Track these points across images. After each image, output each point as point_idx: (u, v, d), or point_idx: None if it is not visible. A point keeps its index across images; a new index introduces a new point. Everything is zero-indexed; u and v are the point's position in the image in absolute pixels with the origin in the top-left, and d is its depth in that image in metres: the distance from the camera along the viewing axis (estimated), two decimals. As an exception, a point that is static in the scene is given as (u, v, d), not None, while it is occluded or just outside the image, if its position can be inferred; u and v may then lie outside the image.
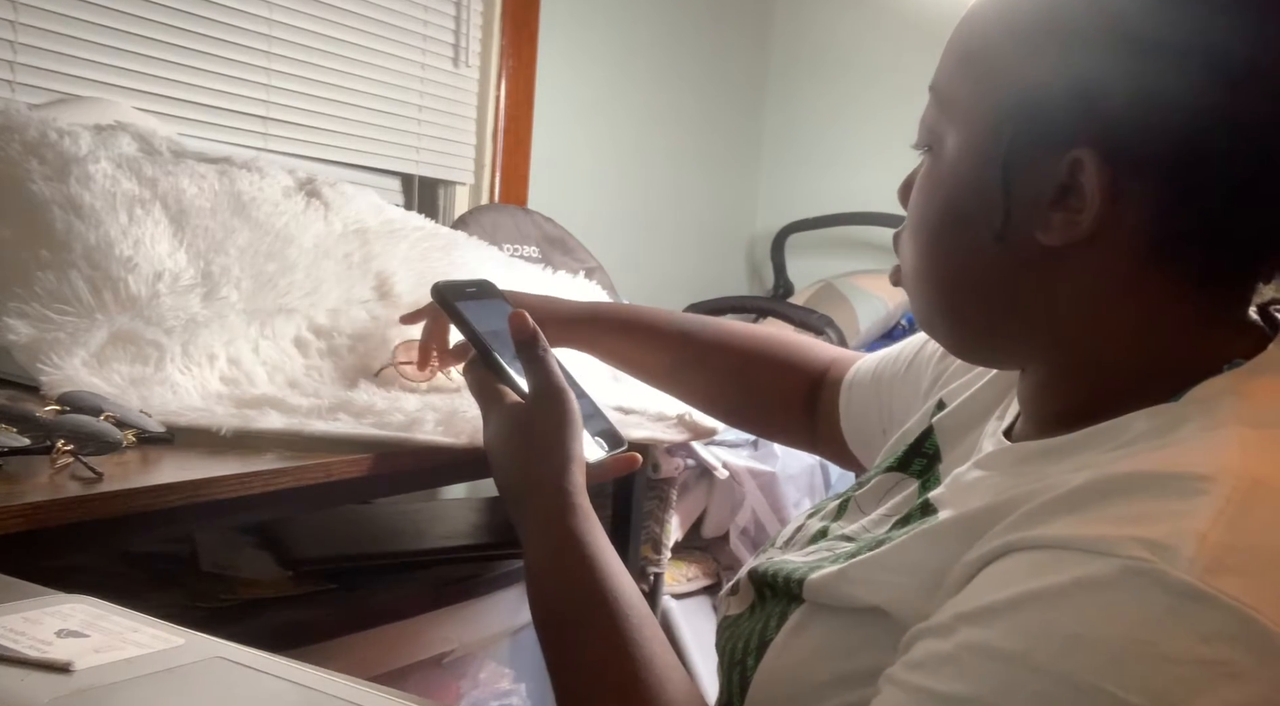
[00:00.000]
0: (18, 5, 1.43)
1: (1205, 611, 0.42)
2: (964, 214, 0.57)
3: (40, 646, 0.43)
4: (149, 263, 1.03)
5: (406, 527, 1.40)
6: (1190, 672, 0.41)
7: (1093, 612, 0.43)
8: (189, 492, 0.77)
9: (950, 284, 0.60)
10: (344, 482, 0.89)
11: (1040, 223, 0.54)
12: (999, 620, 0.45)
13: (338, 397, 1.00)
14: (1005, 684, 0.44)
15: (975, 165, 0.56)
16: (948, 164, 0.58)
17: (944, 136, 0.59)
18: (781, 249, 3.05)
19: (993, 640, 0.45)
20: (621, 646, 0.64)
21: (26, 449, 0.72)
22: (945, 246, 0.59)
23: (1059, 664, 0.42)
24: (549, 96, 2.32)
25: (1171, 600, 0.42)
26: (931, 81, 0.61)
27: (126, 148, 1.21)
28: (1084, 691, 0.42)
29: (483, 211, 2.04)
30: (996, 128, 0.55)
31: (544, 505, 0.72)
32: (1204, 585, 0.42)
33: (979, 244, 0.57)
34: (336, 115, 1.89)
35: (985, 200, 0.56)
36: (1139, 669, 0.41)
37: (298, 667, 0.44)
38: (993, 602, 0.46)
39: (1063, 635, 0.43)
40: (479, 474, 1.50)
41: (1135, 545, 0.43)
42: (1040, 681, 0.43)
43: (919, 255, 0.61)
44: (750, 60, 3.13)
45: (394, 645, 1.18)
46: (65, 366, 0.90)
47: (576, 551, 0.69)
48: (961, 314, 0.60)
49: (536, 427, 0.76)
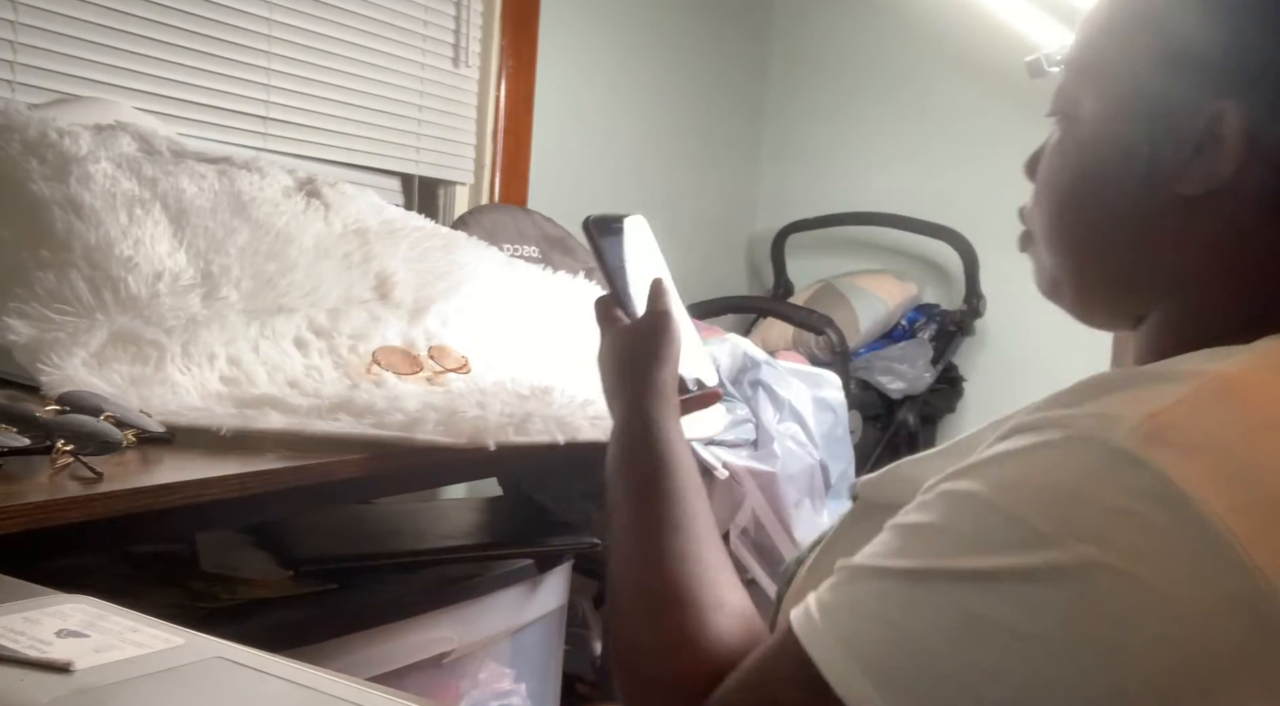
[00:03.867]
0: (18, 5, 1.43)
1: (1134, 472, 0.47)
2: (1104, 170, 0.62)
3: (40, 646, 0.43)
4: (149, 262, 1.03)
5: (406, 527, 1.40)
6: (1106, 517, 0.47)
7: (1038, 466, 0.50)
8: (189, 492, 0.77)
9: (1085, 237, 0.64)
10: (344, 482, 0.89)
11: (1180, 173, 0.58)
12: (970, 472, 0.52)
13: (338, 397, 1.00)
14: (955, 512, 0.51)
15: (1117, 122, 0.61)
16: (1087, 125, 0.63)
17: (1081, 101, 0.63)
18: (781, 249, 3.05)
19: (960, 486, 0.52)
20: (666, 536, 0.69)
21: (26, 449, 0.72)
22: (1084, 202, 0.64)
23: (1000, 499, 0.50)
24: (549, 96, 2.32)
25: (1106, 461, 0.48)
26: (1066, 55, 0.66)
27: (126, 148, 1.21)
28: (1013, 520, 0.49)
29: (483, 211, 2.04)
30: (1140, 85, 0.60)
31: (625, 404, 0.80)
32: (1138, 451, 0.48)
33: (1117, 197, 0.61)
34: (336, 115, 1.89)
35: (1127, 154, 0.61)
36: (1062, 509, 0.48)
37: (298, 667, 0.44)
38: (973, 462, 0.53)
39: (1010, 480, 0.50)
40: (479, 474, 1.50)
41: (1090, 419, 0.50)
42: (981, 510, 0.50)
43: (1055, 215, 0.66)
44: (750, 60, 3.13)
45: (394, 645, 1.18)
46: (65, 366, 0.90)
47: (643, 442, 0.76)
48: (1094, 266, 0.65)
49: (638, 343, 0.85)
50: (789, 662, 0.53)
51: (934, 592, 0.50)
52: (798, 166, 3.15)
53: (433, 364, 1.17)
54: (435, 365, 1.17)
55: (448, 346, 1.19)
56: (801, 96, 3.15)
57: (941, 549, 0.51)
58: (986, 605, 0.48)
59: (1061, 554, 0.47)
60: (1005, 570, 0.48)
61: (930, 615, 0.49)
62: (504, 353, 1.27)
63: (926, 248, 2.94)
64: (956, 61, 2.84)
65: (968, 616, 0.48)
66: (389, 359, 1.11)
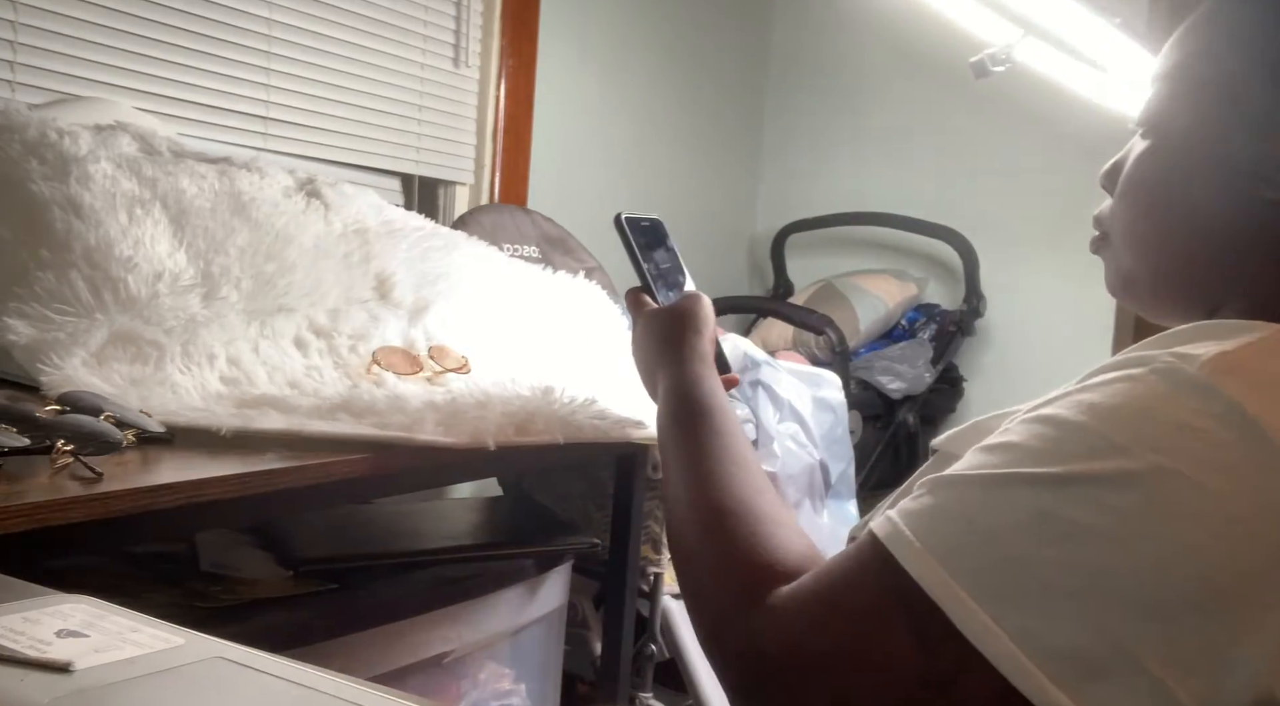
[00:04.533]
0: (18, 5, 1.43)
1: (1201, 397, 0.52)
2: (1196, 175, 0.67)
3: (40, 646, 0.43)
4: (149, 263, 1.03)
5: (406, 527, 1.40)
6: (1177, 432, 0.52)
7: (1118, 393, 0.55)
8: (189, 492, 0.77)
9: (1169, 237, 0.69)
10: (344, 482, 0.89)
11: (1270, 177, 0.63)
12: (1051, 403, 0.57)
13: (338, 397, 1.00)
14: (1034, 431, 0.55)
15: (1214, 132, 0.66)
16: (1181, 135, 0.68)
17: (1175, 114, 0.68)
18: (781, 249, 3.05)
19: (1041, 412, 0.57)
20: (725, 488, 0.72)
21: (26, 449, 0.72)
22: (1173, 204, 0.68)
23: (1077, 417, 0.54)
24: (549, 96, 2.32)
25: (1176, 387, 0.53)
26: (1156, 72, 0.71)
27: (126, 148, 1.21)
28: (1089, 433, 0.53)
29: (483, 211, 2.04)
30: (1235, 97, 0.65)
31: (669, 371, 0.87)
32: (1209, 379, 0.53)
33: (1206, 201, 0.66)
34: (336, 115, 1.89)
35: (1219, 162, 0.66)
36: (1136, 424, 0.53)
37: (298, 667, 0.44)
38: (1054, 396, 0.57)
39: (1089, 403, 0.55)
40: (479, 474, 1.50)
41: (1168, 356, 0.55)
42: (1060, 428, 0.55)
43: (1142, 216, 0.70)
44: (750, 60, 3.13)
45: (394, 645, 1.18)
46: (65, 366, 0.90)
47: (692, 395, 0.83)
48: (1175, 264, 0.69)
49: (677, 318, 0.93)
50: (865, 559, 0.56)
51: (1010, 494, 0.54)
52: (798, 166, 3.15)
53: (433, 364, 1.17)
54: (435, 365, 1.17)
55: (448, 346, 1.19)
56: (801, 96, 3.15)
57: (1019, 459, 0.55)
58: (1059, 503, 0.52)
59: (1133, 461, 0.52)
60: (1079, 475, 0.52)
61: (1005, 512, 0.53)
62: (504, 353, 1.27)
63: (926, 248, 2.94)
64: (956, 61, 2.84)
65: (1041, 513, 0.52)
66: (389, 359, 1.11)
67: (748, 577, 0.63)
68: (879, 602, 0.54)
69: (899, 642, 0.53)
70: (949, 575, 0.52)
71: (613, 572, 1.43)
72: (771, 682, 0.58)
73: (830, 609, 0.56)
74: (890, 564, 0.54)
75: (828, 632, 0.56)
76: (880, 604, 0.54)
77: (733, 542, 0.66)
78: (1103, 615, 0.50)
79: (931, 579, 0.53)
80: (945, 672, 0.52)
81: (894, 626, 0.53)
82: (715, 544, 0.67)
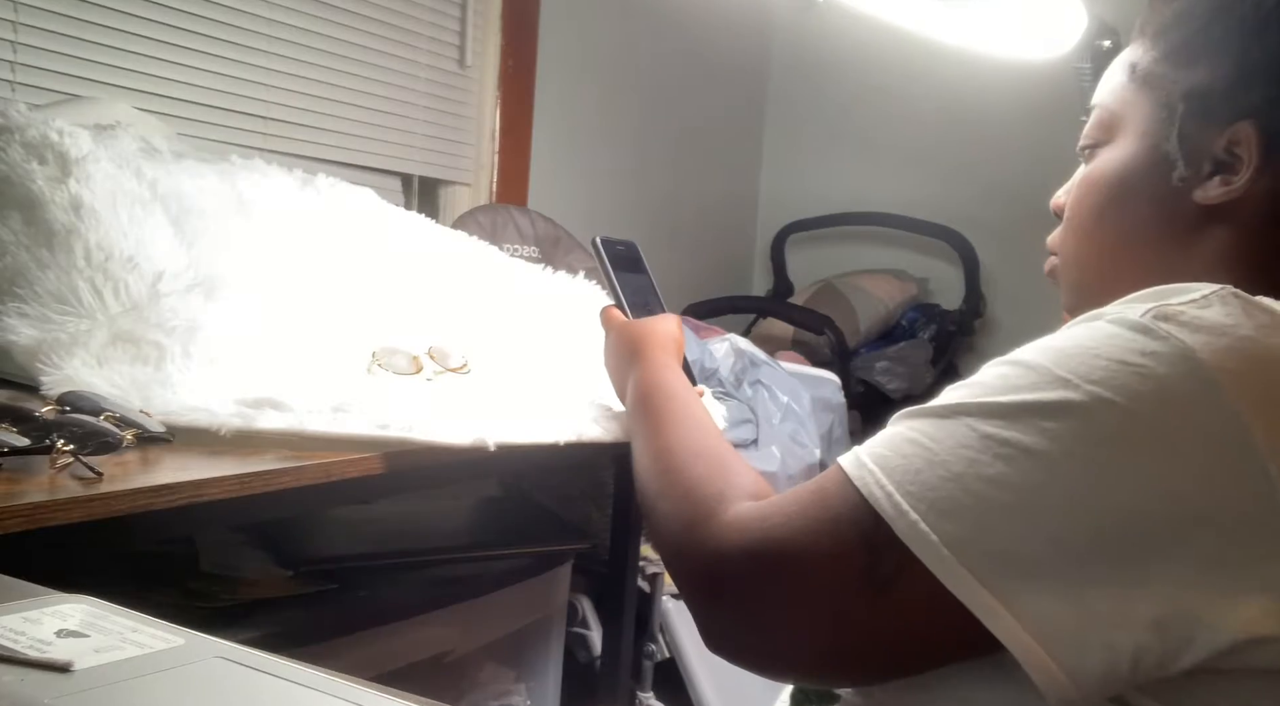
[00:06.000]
0: (18, 5, 1.43)
1: (1144, 338, 0.57)
2: (1131, 189, 0.73)
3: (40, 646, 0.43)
4: (149, 262, 1.03)
5: (406, 527, 1.40)
6: (1118, 367, 0.56)
7: (1066, 337, 0.60)
8: (189, 492, 0.77)
9: (1114, 249, 0.75)
10: (344, 482, 0.89)
11: (1200, 185, 0.69)
12: (1020, 349, 0.62)
13: (338, 397, 1.00)
14: (989, 372, 0.61)
15: (1146, 147, 0.72)
16: (1118, 153, 0.74)
17: (1114, 132, 0.75)
18: (781, 249, 3.05)
19: (1006, 356, 0.62)
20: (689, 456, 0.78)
21: (26, 449, 0.72)
22: (1112, 219, 0.74)
23: (1027, 357, 0.60)
24: (549, 97, 2.32)
25: (1122, 329, 0.58)
26: (1095, 98, 0.77)
27: (126, 148, 1.21)
28: (1035, 369, 0.58)
29: (483, 211, 2.04)
30: (1170, 111, 0.70)
31: (638, 372, 0.94)
32: (1150, 323, 0.57)
33: (1146, 210, 0.72)
34: (336, 115, 1.89)
35: (1154, 173, 0.71)
36: (1079, 361, 0.57)
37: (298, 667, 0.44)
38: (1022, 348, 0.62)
39: (1040, 347, 0.60)
40: (479, 474, 1.50)
41: (1118, 307, 0.60)
42: (1011, 367, 0.60)
43: (1085, 234, 0.76)
44: (751, 60, 3.13)
45: (394, 645, 1.18)
46: (65, 366, 0.90)
47: (657, 390, 0.90)
48: (1116, 273, 0.74)
49: (646, 329, 1.01)
50: (825, 478, 0.62)
51: (960, 421, 0.59)
52: (798, 166, 3.15)
53: (433, 364, 1.16)
54: (435, 365, 1.17)
55: (448, 346, 1.19)
56: (801, 96, 3.15)
57: (970, 393, 0.60)
58: (1001, 428, 0.57)
59: (1074, 393, 0.56)
60: (1024, 403, 0.57)
61: (953, 436, 0.58)
62: (504, 353, 1.27)
63: (926, 248, 2.94)
64: (956, 61, 2.83)
65: (984, 436, 0.57)
66: (389, 359, 1.11)
67: (705, 498, 0.69)
68: (833, 508, 0.60)
69: (849, 547, 0.59)
70: (894, 488, 0.58)
71: (613, 572, 1.43)
72: (730, 582, 0.63)
73: (788, 516, 0.62)
74: (844, 479, 0.60)
75: (785, 532, 0.61)
76: (834, 509, 0.60)
77: (689, 478, 0.73)
78: (1033, 526, 0.55)
79: (878, 493, 0.58)
80: (886, 575, 0.57)
81: (846, 533, 0.59)
82: (673, 482, 0.74)
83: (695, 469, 0.74)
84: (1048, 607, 0.54)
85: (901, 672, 0.61)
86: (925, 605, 0.56)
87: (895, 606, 0.57)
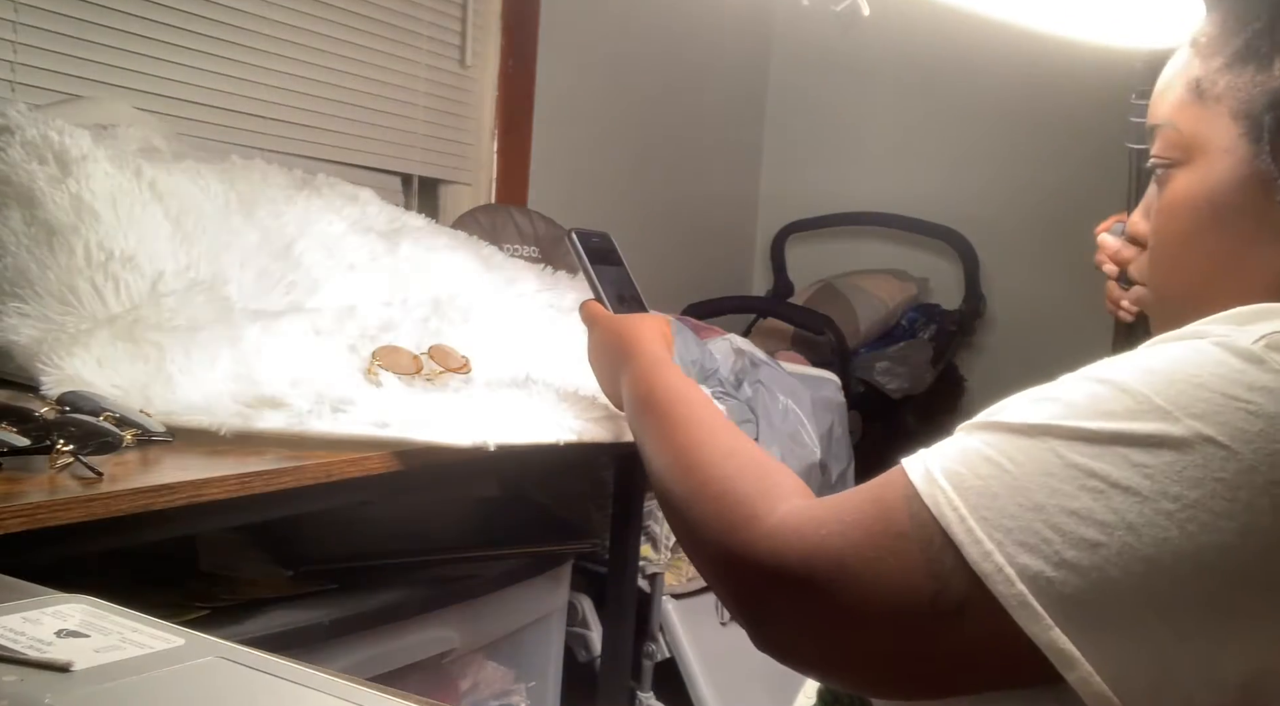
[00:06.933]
0: (18, 5, 1.43)
1: (1255, 370, 0.52)
2: (1225, 211, 0.67)
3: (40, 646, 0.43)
4: (149, 262, 1.03)
5: (406, 528, 1.40)
6: (1222, 401, 0.52)
7: (1167, 358, 0.55)
8: (189, 492, 0.77)
9: (1211, 275, 0.69)
10: (344, 482, 0.89)
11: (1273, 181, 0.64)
12: (1097, 367, 0.58)
13: (338, 397, 1.00)
14: (1076, 389, 0.56)
15: (1232, 164, 0.66)
16: (1200, 175, 0.68)
17: (1190, 152, 0.68)
18: (781, 249, 3.05)
19: (1094, 372, 0.57)
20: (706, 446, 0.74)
21: (27, 449, 0.72)
22: (1206, 245, 0.69)
23: (1122, 379, 0.55)
24: (549, 96, 2.32)
25: (1229, 357, 0.53)
26: (1155, 117, 0.71)
27: (126, 148, 1.21)
28: (1132, 395, 0.54)
29: (482, 211, 2.04)
30: (1252, 124, 0.64)
31: (634, 369, 0.92)
32: (1264, 352, 0.53)
33: (1244, 231, 0.66)
34: (336, 115, 1.89)
35: (1248, 190, 0.65)
36: (1181, 391, 0.53)
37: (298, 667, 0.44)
38: (1103, 362, 0.58)
39: (1136, 366, 0.55)
40: (479, 474, 1.50)
41: (1226, 328, 0.56)
42: (1103, 388, 0.55)
43: (1177, 263, 0.71)
44: (751, 60, 3.13)
45: (394, 645, 1.18)
46: (65, 366, 0.90)
47: (660, 386, 0.87)
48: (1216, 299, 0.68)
49: (635, 324, 0.99)
50: (887, 483, 0.58)
51: (1044, 444, 0.54)
52: (798, 166, 3.15)
53: (433, 364, 1.16)
54: (435, 365, 1.16)
55: (448, 346, 1.19)
56: (801, 96, 3.15)
57: (1061, 413, 0.55)
58: (1090, 458, 0.52)
59: (1174, 426, 0.52)
60: (1116, 433, 0.53)
61: (1035, 460, 0.54)
62: (504, 353, 1.27)
63: (927, 247, 2.94)
64: (957, 61, 2.83)
65: (1071, 465, 0.53)
66: (389, 359, 1.11)
67: (745, 498, 0.64)
68: (897, 524, 0.55)
69: (912, 565, 0.54)
70: (968, 512, 0.53)
71: (613, 572, 1.43)
72: (782, 589, 0.59)
73: (845, 525, 0.57)
74: (911, 493, 0.56)
75: (843, 543, 0.57)
76: (898, 525, 0.55)
77: (721, 478, 0.68)
78: (1117, 569, 0.51)
79: (951, 515, 0.54)
80: (952, 602, 0.53)
81: (909, 550, 0.54)
82: (704, 482, 0.69)
83: (726, 468, 0.70)
84: (1128, 658, 0.50)
85: (954, 692, 0.57)
86: (990, 635, 0.52)
87: (958, 632, 0.53)
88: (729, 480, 0.68)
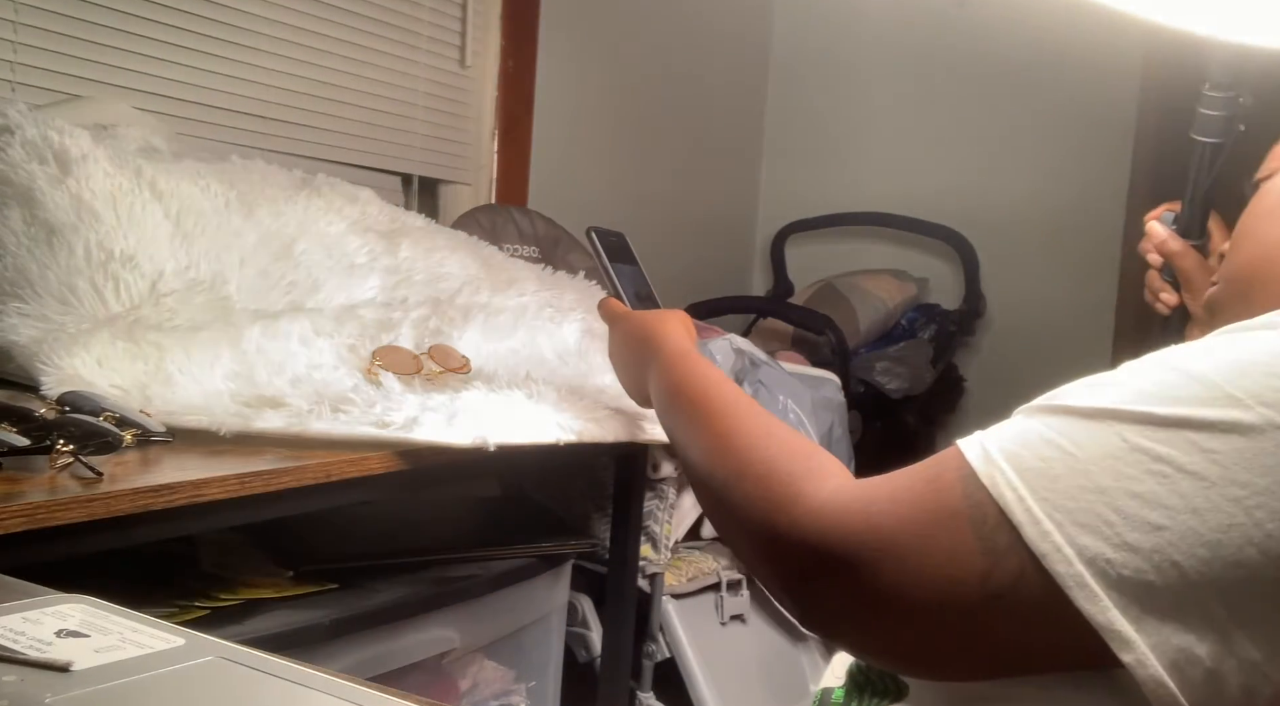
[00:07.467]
0: (18, 5, 1.43)
1: None
2: None
3: (40, 646, 0.43)
4: (149, 262, 1.03)
5: (406, 528, 1.40)
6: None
7: (1237, 345, 0.54)
8: (189, 492, 0.77)
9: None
10: (344, 483, 0.89)
11: None
12: (1168, 352, 0.56)
13: (338, 397, 1.00)
14: (1143, 372, 0.55)
15: None
16: None
17: None
18: (781, 249, 3.05)
19: (1162, 357, 0.56)
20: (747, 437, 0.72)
21: (26, 449, 0.72)
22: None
23: (1191, 364, 0.54)
24: (549, 96, 2.32)
25: None
26: None
27: (126, 147, 1.21)
28: (1201, 381, 0.52)
29: (483, 211, 2.04)
30: None
31: (661, 361, 0.92)
32: None
33: None
34: (336, 115, 1.89)
35: None
36: (1248, 375, 0.52)
37: (298, 667, 0.44)
38: (1173, 348, 0.57)
39: (1205, 350, 0.55)
40: (479, 474, 1.50)
41: None
42: (1171, 372, 0.54)
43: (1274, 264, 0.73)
44: (750, 59, 3.13)
45: (394, 645, 1.18)
46: (65, 366, 0.90)
47: (690, 375, 0.86)
48: None
49: (658, 320, 0.98)
50: (942, 462, 0.57)
51: (1109, 426, 0.53)
52: (798, 166, 3.15)
53: (433, 364, 1.16)
54: (435, 365, 1.16)
55: (448, 346, 1.19)
56: (802, 96, 3.15)
57: (1127, 397, 0.54)
58: (1157, 442, 0.52)
59: (1245, 413, 0.51)
60: (1184, 418, 0.52)
61: (1099, 443, 0.53)
62: (504, 353, 1.27)
63: (926, 247, 2.94)
64: (957, 61, 2.84)
65: (1136, 448, 0.52)
66: (389, 359, 1.11)
67: (791, 476, 0.63)
68: (951, 503, 0.55)
69: (964, 544, 0.54)
70: (1028, 492, 0.53)
71: (613, 572, 1.43)
72: (831, 565, 0.58)
73: (895, 502, 0.57)
74: (968, 472, 0.55)
75: (894, 521, 0.56)
76: (952, 504, 0.55)
77: (765, 458, 0.67)
78: (1180, 552, 0.50)
79: (1009, 495, 0.53)
80: (1004, 582, 0.53)
81: (961, 529, 0.54)
82: (749, 462, 0.68)
83: (768, 449, 0.69)
84: (1190, 645, 0.50)
85: (1001, 674, 0.56)
86: (1042, 617, 0.52)
87: (1010, 612, 0.53)
88: (772, 460, 0.67)
